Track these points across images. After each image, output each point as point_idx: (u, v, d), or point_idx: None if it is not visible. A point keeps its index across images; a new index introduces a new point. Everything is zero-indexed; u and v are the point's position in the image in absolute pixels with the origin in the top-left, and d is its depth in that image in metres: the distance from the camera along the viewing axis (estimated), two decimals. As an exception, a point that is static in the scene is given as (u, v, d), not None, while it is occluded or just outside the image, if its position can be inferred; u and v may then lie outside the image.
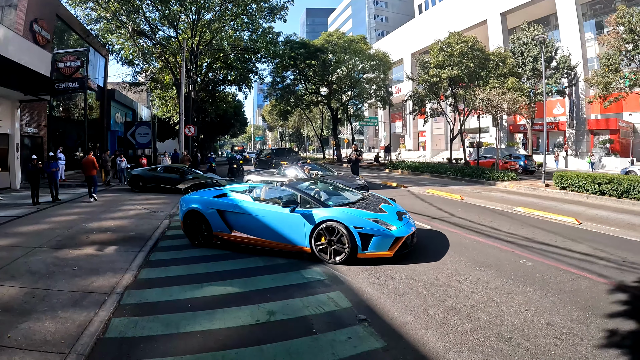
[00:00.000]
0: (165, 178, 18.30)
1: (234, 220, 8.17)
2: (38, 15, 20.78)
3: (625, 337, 4.40)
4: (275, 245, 7.71)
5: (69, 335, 4.43)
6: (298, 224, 7.39)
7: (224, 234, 8.23)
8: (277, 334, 4.63)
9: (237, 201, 8.33)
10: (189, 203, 8.88)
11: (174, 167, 19.28)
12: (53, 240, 8.62)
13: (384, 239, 6.92)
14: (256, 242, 7.90)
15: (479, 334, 4.47)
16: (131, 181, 18.66)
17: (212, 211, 8.38)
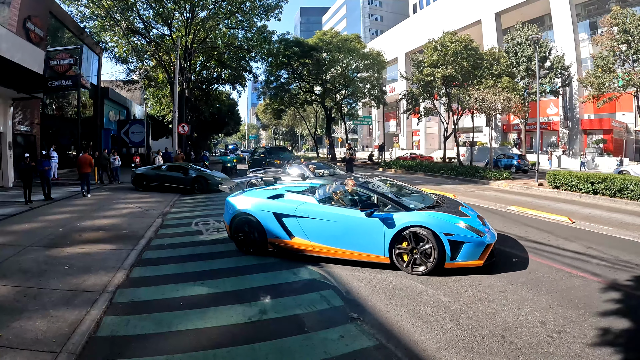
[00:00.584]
0: (169, 177, 17.98)
1: (295, 225, 7.22)
2: (31, 13, 20.61)
3: (617, 336, 4.40)
4: (345, 254, 6.84)
5: (60, 334, 4.40)
6: (375, 229, 6.55)
7: (282, 240, 7.31)
8: (269, 332, 4.60)
9: (298, 203, 7.41)
10: (238, 205, 7.94)
11: (177, 165, 18.90)
12: (45, 239, 8.54)
13: (476, 247, 6.27)
14: (321, 250, 7.03)
15: (471, 332, 4.46)
16: (135, 180, 18.36)
17: (267, 214, 7.44)
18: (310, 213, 7.12)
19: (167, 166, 19.11)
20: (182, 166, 18.60)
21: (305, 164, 14.91)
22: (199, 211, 12.77)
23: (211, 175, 18.13)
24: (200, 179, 17.52)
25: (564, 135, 41.43)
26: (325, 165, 16.23)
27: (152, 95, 41.69)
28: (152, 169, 18.98)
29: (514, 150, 39.94)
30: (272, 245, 7.42)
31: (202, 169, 19.48)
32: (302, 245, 7.14)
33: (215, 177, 18.00)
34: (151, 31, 29.91)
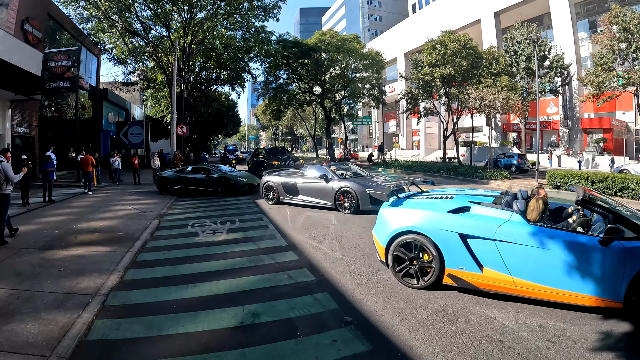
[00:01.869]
0: (192, 179, 17.54)
1: (490, 252, 5.28)
2: (29, 15, 20.61)
3: (619, 340, 4.29)
4: (559, 295, 4.89)
5: (51, 337, 4.35)
6: (612, 265, 4.66)
7: (467, 273, 5.41)
8: (260, 336, 4.50)
9: (499, 222, 5.38)
10: (402, 220, 6.07)
11: (201, 167, 18.35)
12: (41, 241, 8.52)
13: None
14: (528, 290, 5.07)
15: (468, 337, 4.34)
16: (159, 184, 17.95)
17: (448, 235, 5.53)
18: (517, 237, 5.16)
19: (192, 168, 18.65)
20: (205, 167, 18.08)
21: (326, 165, 14.05)
22: (196, 213, 12.68)
23: (234, 176, 17.38)
24: (223, 181, 16.81)
25: (564, 135, 41.34)
26: (346, 166, 15.26)
27: (151, 96, 41.68)
28: (175, 171, 18.52)
29: (514, 150, 39.85)
30: (452, 278, 5.55)
31: (224, 169, 18.95)
32: (498, 281, 5.23)
33: (239, 177, 17.30)
34: (149, 32, 29.87)
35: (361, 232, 9.48)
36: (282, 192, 13.71)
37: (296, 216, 11.80)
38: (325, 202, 12.47)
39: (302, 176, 13.70)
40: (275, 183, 13.97)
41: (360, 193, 11.57)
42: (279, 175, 14.49)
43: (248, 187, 17.08)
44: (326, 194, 12.41)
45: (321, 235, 9.26)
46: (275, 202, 13.85)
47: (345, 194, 11.92)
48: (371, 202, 11.23)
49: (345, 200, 11.91)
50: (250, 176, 18.44)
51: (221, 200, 15.29)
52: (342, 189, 11.96)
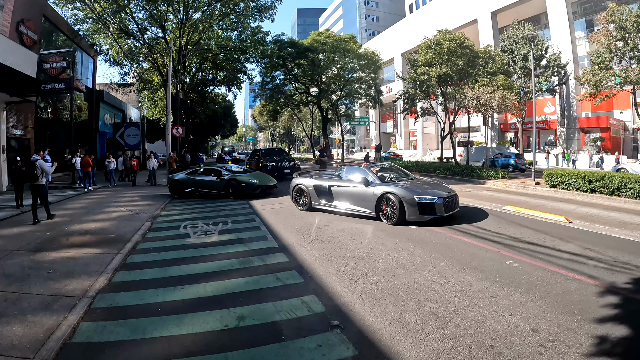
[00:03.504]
0: (203, 181, 16.67)
1: None
2: (25, 16, 20.47)
3: (615, 345, 4.14)
4: None
5: (35, 339, 4.34)
6: None
7: None
8: (244, 340, 4.41)
9: None
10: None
11: (211, 169, 17.32)
12: (32, 243, 8.52)
13: None
14: None
15: (457, 342, 4.20)
16: (171, 186, 17.30)
17: None
18: None
19: (203, 169, 17.79)
20: (216, 169, 17.09)
21: (366, 167, 11.98)
22: (189, 214, 12.62)
23: (246, 177, 16.29)
24: (234, 183, 15.82)
25: (561, 134, 41.31)
26: (389, 168, 13.06)
27: (148, 97, 41.57)
28: (187, 173, 17.68)
29: (511, 150, 39.76)
30: None
31: (235, 170, 17.70)
32: None
33: (251, 180, 16.13)
34: (145, 33, 29.77)
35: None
36: (315, 196, 12.24)
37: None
38: (364, 210, 10.84)
39: (337, 179, 12.13)
40: (307, 186, 12.46)
41: (406, 200, 9.90)
42: (312, 177, 12.95)
43: (261, 190, 16.10)
44: (366, 201, 10.80)
45: (313, 236, 9.15)
46: (306, 208, 12.38)
47: (388, 201, 10.23)
48: (420, 212, 9.78)
49: (388, 208, 10.23)
50: (264, 177, 17.36)
51: (215, 202, 15.15)
52: (385, 194, 10.30)
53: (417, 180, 12.11)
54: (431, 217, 9.80)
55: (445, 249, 7.74)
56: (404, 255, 7.44)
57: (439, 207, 9.87)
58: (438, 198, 9.96)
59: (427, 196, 9.99)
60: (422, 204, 9.77)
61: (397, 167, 13.50)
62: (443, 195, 10.15)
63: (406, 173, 12.87)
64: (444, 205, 9.98)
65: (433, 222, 9.92)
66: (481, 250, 7.64)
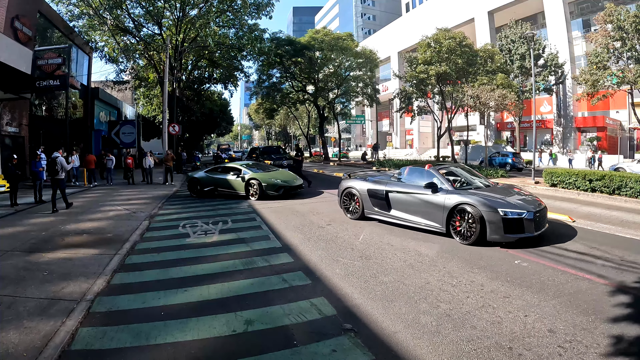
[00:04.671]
0: (222, 180, 15.62)
1: None
2: (20, 12, 20.22)
3: (632, 344, 4.07)
4: None
5: (32, 347, 4.11)
6: None
7: None
8: (254, 345, 4.23)
9: None
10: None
11: (230, 167, 16.21)
12: (27, 244, 8.26)
13: None
14: None
15: (476, 344, 4.09)
16: (189, 185, 16.76)
17: None
18: None
19: (222, 167, 16.60)
20: (236, 167, 15.86)
21: (433, 169, 9.59)
22: (187, 213, 12.42)
23: (267, 177, 15.05)
24: (253, 182, 14.74)
25: (557, 133, 41.39)
26: (458, 170, 10.62)
27: (143, 95, 41.38)
28: (206, 171, 16.70)
29: (508, 149, 39.81)
30: None
31: (254, 169, 16.16)
32: None
33: (273, 180, 14.86)
34: (141, 30, 29.60)
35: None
36: (368, 203, 10.33)
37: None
38: (431, 224, 8.70)
39: (397, 183, 9.99)
40: (360, 190, 10.59)
41: (488, 214, 7.73)
42: (365, 179, 10.99)
43: (284, 191, 14.83)
44: (433, 212, 8.65)
45: (316, 235, 9.01)
46: (358, 217, 10.58)
47: (463, 215, 8.06)
48: (505, 230, 7.66)
49: (463, 223, 8.04)
50: (289, 176, 15.93)
51: (213, 200, 14.97)
52: (460, 206, 8.11)
53: (495, 187, 9.73)
54: (518, 236, 7.71)
55: (452, 248, 7.64)
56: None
57: (529, 224, 7.75)
58: (528, 212, 7.81)
59: (515, 209, 7.82)
60: (508, 219, 7.67)
61: (467, 167, 11.19)
62: (533, 208, 8.06)
63: (476, 174, 10.60)
64: (534, 222, 7.88)
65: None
66: (488, 250, 7.53)
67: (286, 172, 16.94)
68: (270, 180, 14.72)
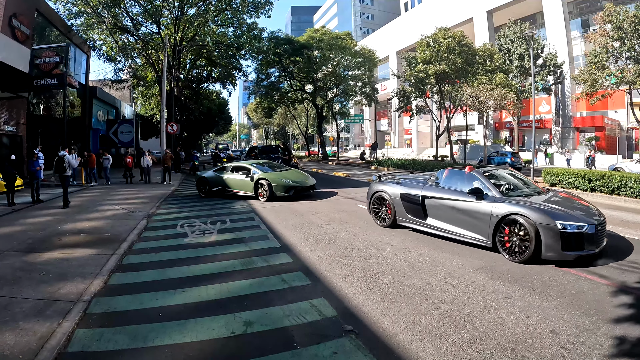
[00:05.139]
0: (231, 180, 15.06)
1: None
2: (17, 11, 20.13)
3: (635, 345, 4.03)
4: None
5: (28, 349, 4.06)
6: None
7: None
8: (253, 347, 4.18)
9: None
10: None
11: (240, 166, 15.61)
12: (24, 243, 8.21)
13: None
14: None
15: (478, 346, 4.04)
16: (198, 185, 16.24)
17: None
18: None
19: (232, 167, 15.82)
20: (245, 166, 15.29)
21: (477, 172, 8.18)
22: (185, 212, 12.38)
23: (276, 176, 14.42)
24: (262, 183, 14.17)
25: (556, 133, 41.38)
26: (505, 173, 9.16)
27: (141, 94, 41.31)
28: (215, 170, 16.15)
29: (506, 148, 39.79)
30: None
31: (265, 168, 15.53)
32: None
33: (283, 180, 14.19)
34: (139, 29, 29.57)
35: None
36: (402, 209, 9.16)
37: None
38: (474, 236, 7.50)
39: (434, 187, 8.75)
40: (392, 195, 9.46)
41: (544, 227, 6.52)
42: (398, 182, 9.75)
43: (295, 191, 14.19)
44: (478, 223, 7.43)
45: (315, 235, 8.95)
46: (388, 224, 9.49)
47: (514, 227, 6.81)
48: (563, 246, 6.46)
49: (513, 237, 6.81)
50: (300, 176, 15.28)
51: (212, 200, 14.89)
52: (511, 216, 6.86)
53: (547, 194, 8.23)
54: (577, 254, 6.51)
55: (452, 249, 7.58)
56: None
57: (589, 239, 6.55)
58: (589, 225, 6.59)
59: (574, 222, 6.60)
60: (567, 234, 6.45)
61: (509, 170, 9.67)
62: (595, 221, 6.85)
63: (522, 178, 9.15)
64: (595, 237, 6.65)
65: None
66: (488, 249, 7.48)
67: (298, 171, 16.28)
68: (280, 180, 14.09)
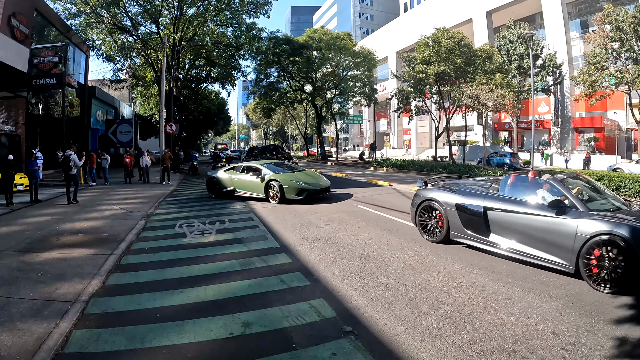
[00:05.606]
0: (242, 181, 14.30)
1: None
2: (16, 10, 20.04)
3: (636, 346, 4.01)
4: None
5: (25, 349, 4.03)
6: None
7: None
8: (252, 349, 4.14)
9: None
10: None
11: (250, 166, 14.83)
12: (22, 243, 8.18)
13: None
14: None
15: (478, 347, 4.01)
16: (208, 186, 15.60)
17: None
18: None
19: (243, 167, 15.07)
20: (256, 167, 14.46)
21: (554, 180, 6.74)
22: (184, 212, 12.34)
23: (288, 178, 13.47)
24: (273, 184, 13.33)
25: (555, 134, 41.41)
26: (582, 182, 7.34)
27: (140, 94, 41.29)
28: (225, 170, 15.32)
29: (505, 149, 39.83)
30: None
31: (277, 168, 14.76)
32: None
33: (295, 182, 13.29)
34: (138, 28, 29.55)
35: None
36: (457, 222, 7.55)
37: None
38: (552, 259, 6.01)
39: (496, 197, 7.13)
40: (444, 204, 7.83)
41: None
42: (451, 189, 8.06)
43: (308, 194, 13.27)
44: (558, 243, 5.95)
45: (314, 235, 8.91)
46: (440, 239, 7.91)
47: (607, 250, 5.37)
48: None
49: (605, 262, 5.36)
50: (314, 178, 14.22)
51: (211, 200, 14.86)
52: (602, 236, 5.41)
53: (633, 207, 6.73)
54: None
55: (452, 249, 7.55)
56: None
57: None
58: None
59: None
60: None
61: (584, 177, 7.81)
62: None
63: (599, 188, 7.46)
64: None
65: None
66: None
67: (311, 172, 15.19)
68: (292, 182, 13.21)
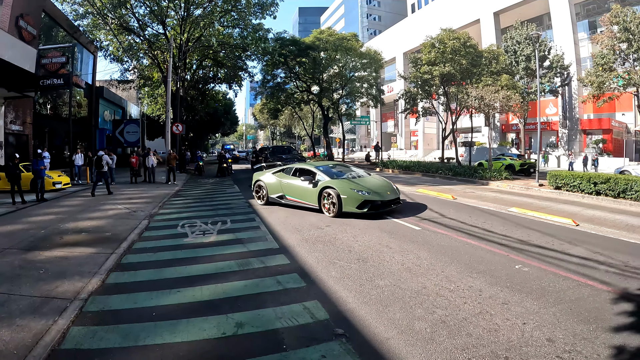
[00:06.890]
0: (293, 187, 12.14)
1: None
2: (24, 11, 20.22)
3: (634, 355, 3.91)
4: None
5: (22, 345, 4.11)
6: None
7: None
8: (243, 349, 4.14)
9: None
10: None
11: (303, 168, 12.60)
12: (25, 242, 8.28)
13: None
14: None
15: (470, 353, 3.95)
16: (255, 190, 13.45)
17: None
18: None
19: (294, 169, 12.76)
20: (310, 170, 12.19)
21: None
22: (187, 212, 12.39)
23: (346, 186, 10.95)
24: (329, 193, 10.98)
25: (563, 136, 41.08)
26: None
27: (148, 94, 41.44)
28: (273, 173, 13.12)
29: (512, 150, 39.55)
30: None
31: (336, 172, 12.36)
32: None
33: (356, 190, 10.80)
34: (145, 29, 29.67)
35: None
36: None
37: None
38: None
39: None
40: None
41: None
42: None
43: (372, 206, 10.72)
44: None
45: (314, 237, 8.88)
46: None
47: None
48: None
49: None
50: (379, 186, 11.62)
51: (214, 200, 14.88)
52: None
53: None
54: None
55: (452, 252, 7.50)
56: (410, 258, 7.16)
57: None
58: None
59: None
60: None
61: None
62: None
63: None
64: None
65: (438, 223, 9.60)
66: (489, 253, 7.39)
67: (376, 180, 12.41)
68: (353, 191, 10.75)
